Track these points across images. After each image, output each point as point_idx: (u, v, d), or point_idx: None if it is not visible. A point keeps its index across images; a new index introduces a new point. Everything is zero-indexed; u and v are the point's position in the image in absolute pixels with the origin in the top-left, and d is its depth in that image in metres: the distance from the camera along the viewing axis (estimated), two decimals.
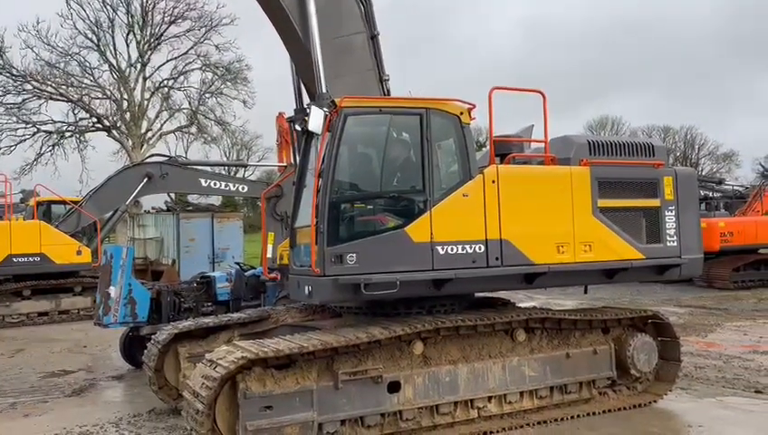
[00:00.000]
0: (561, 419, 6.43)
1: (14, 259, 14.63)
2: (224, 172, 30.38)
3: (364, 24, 7.70)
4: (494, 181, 6.23)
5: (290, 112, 8.46)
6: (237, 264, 11.53)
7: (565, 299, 15.78)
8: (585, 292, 8.96)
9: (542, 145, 6.96)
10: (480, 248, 6.15)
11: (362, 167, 6.58)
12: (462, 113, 6.33)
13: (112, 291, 9.28)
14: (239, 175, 41.54)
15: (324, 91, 7.26)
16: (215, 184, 17.80)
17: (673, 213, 7.06)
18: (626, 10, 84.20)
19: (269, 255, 16.09)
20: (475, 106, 6.44)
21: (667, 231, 7.02)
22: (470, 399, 6.15)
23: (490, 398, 6.26)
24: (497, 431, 6.14)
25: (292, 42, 7.85)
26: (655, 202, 7.04)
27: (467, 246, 6.13)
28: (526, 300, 13.61)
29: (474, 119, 6.55)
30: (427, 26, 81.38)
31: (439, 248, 6.02)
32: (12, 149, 33.97)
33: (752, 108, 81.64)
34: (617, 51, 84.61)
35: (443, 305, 6.54)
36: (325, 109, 5.99)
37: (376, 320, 6.34)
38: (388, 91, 7.77)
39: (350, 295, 5.94)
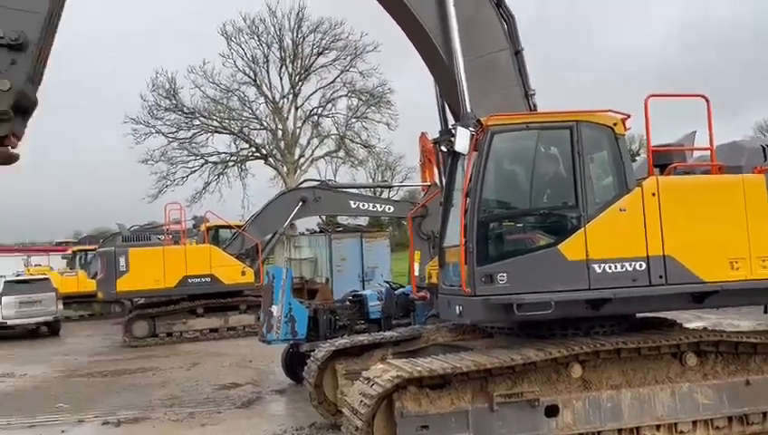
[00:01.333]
0: None
1: (189, 280, 16.11)
2: (370, 193, 31.45)
3: (507, 41, 7.63)
4: (654, 194, 5.88)
5: (432, 132, 8.57)
6: (387, 283, 11.80)
7: (740, 319, 14.30)
8: (765, 311, 8.09)
9: (708, 153, 6.45)
10: (641, 266, 5.82)
11: (511, 184, 6.48)
12: (615, 124, 6.07)
13: (274, 309, 9.90)
14: (384, 195, 42.67)
15: (469, 110, 7.28)
16: (363, 205, 18.43)
17: None
18: None
19: (416, 273, 16.32)
20: (629, 116, 6.14)
21: None
22: (636, 426, 5.77)
23: (658, 426, 5.83)
24: None
25: (435, 63, 7.98)
26: None
27: (627, 264, 5.82)
28: (694, 320, 12.54)
29: (629, 129, 6.24)
30: (572, 37, 78.55)
31: (596, 266, 5.77)
32: (184, 179, 37.61)
33: None
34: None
35: (601, 327, 6.23)
36: (471, 128, 6.02)
37: (530, 341, 6.18)
38: (535, 105, 7.62)
39: (502, 316, 5.86)
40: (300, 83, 38.74)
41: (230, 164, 38.62)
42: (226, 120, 37.94)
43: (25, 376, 12.63)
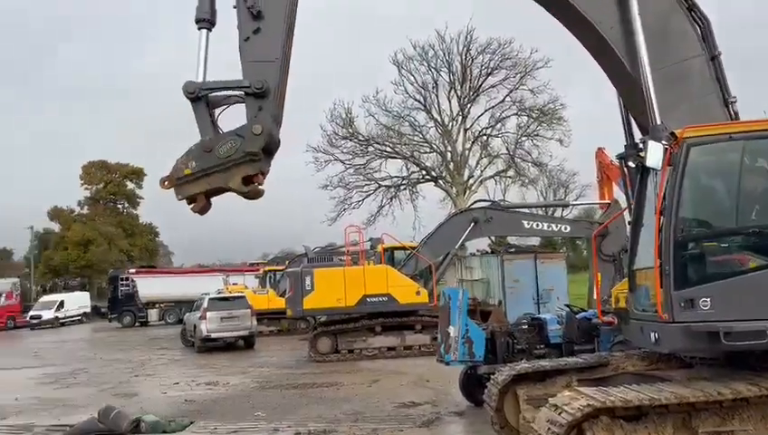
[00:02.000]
0: None
1: (368, 299, 16.78)
2: (542, 213, 30.58)
3: (701, 46, 7.05)
4: None
5: (609, 147, 8.15)
6: (567, 306, 11.35)
7: None
8: None
9: None
10: None
11: (712, 201, 6.00)
12: None
13: (451, 331, 9.96)
14: (557, 214, 41.31)
15: (659, 123, 6.82)
16: (537, 225, 18.01)
17: None
18: None
19: (595, 296, 15.49)
20: None
21: None
22: None
23: None
24: None
25: (618, 75, 7.60)
26: None
27: None
28: None
29: None
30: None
31: None
32: (360, 203, 39.54)
33: None
34: None
35: None
36: (664, 142, 5.62)
37: (738, 373, 5.57)
38: (736, 113, 6.92)
39: (705, 345, 5.33)
40: (469, 105, 39.15)
41: (402, 187, 39.89)
42: (398, 146, 39.35)
43: (227, 385, 13.95)
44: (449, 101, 39.14)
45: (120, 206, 65.66)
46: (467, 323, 9.98)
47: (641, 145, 6.09)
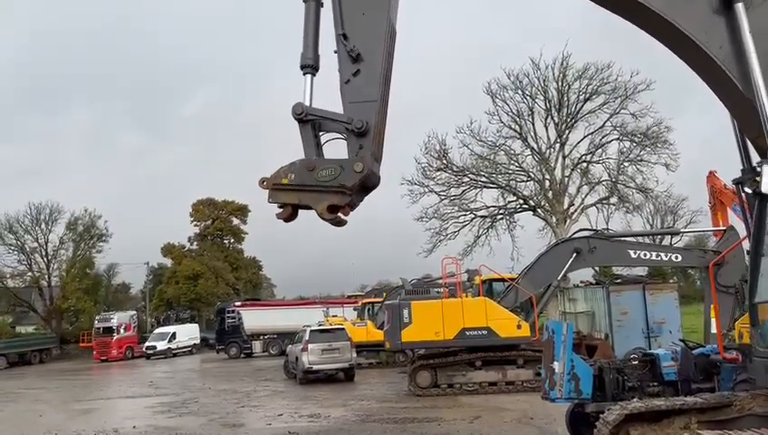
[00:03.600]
0: None
1: (467, 332, 16.51)
2: (649, 241, 29.07)
3: None
4: None
5: (723, 170, 7.66)
6: (682, 341, 10.65)
7: None
8: None
9: None
10: None
11: None
12: None
13: (556, 366, 9.58)
14: (665, 242, 39.18)
15: None
16: (644, 255, 17.13)
17: None
18: None
19: (712, 330, 14.46)
20: None
21: None
22: None
23: None
24: None
25: (730, 97, 7.15)
26: None
27: None
28: None
29: None
30: None
31: None
32: (455, 234, 39.25)
33: None
34: None
35: None
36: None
37: None
38: None
39: None
40: (567, 132, 38.15)
41: (498, 217, 39.29)
42: (494, 175, 38.89)
43: (329, 417, 14.11)
44: (546, 129, 38.36)
45: (226, 241, 68.93)
46: (573, 359, 9.58)
47: (758, 169, 5.66)
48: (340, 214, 6.67)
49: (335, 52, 6.76)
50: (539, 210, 38.31)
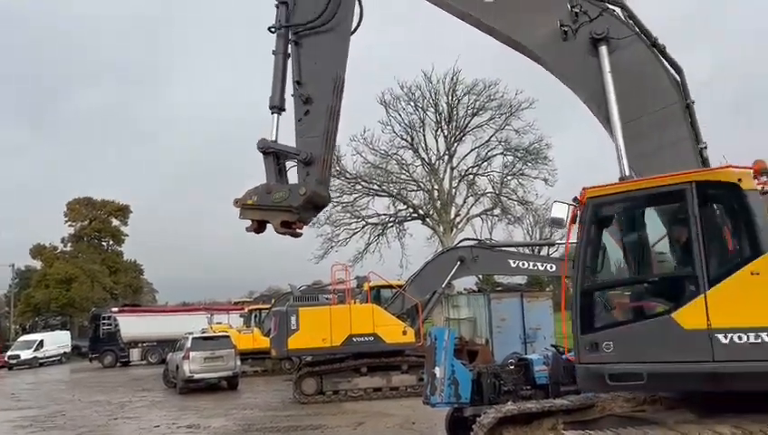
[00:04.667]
0: None
1: (354, 339, 16.59)
2: (528, 251, 30.68)
3: (679, 95, 7.20)
4: None
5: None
6: (554, 346, 11.27)
7: None
8: None
9: None
10: None
11: (611, 254, 6.34)
12: (741, 179, 5.49)
13: (437, 371, 9.83)
14: (543, 253, 41.49)
15: (627, 173, 6.98)
16: (523, 264, 17.99)
17: None
18: None
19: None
20: (758, 168, 5.54)
21: None
22: None
23: None
24: None
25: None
26: None
27: (763, 334, 5.12)
28: None
29: (765, 182, 5.63)
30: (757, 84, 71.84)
31: (720, 337, 5.23)
32: (347, 241, 39.45)
33: None
34: None
35: None
36: (571, 202, 6.21)
37: (725, 416, 5.54)
38: (706, 159, 7.03)
39: (602, 385, 5.91)
40: (455, 144, 39.57)
41: (389, 225, 39.92)
42: (385, 184, 39.53)
43: (209, 428, 13.64)
44: (436, 140, 39.60)
45: (104, 243, 65.03)
46: (453, 364, 9.88)
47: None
48: (294, 228, 8.30)
49: (292, 95, 8.22)
50: (428, 219, 39.39)
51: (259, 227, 8.34)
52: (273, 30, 8.63)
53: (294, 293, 19.62)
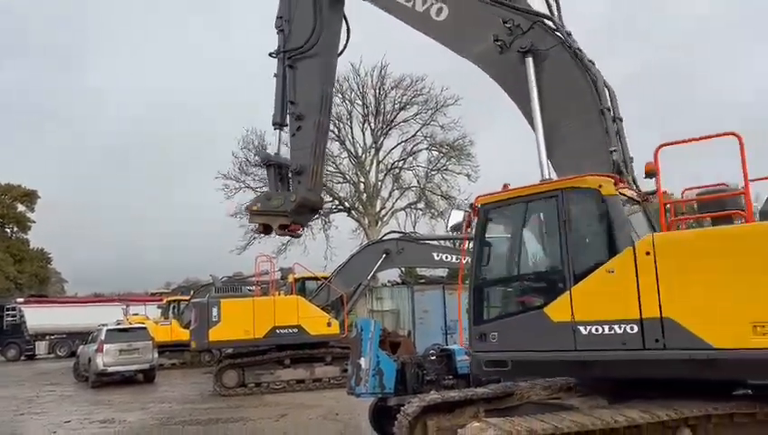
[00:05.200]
0: None
1: (277, 331, 16.44)
2: (450, 244, 31.36)
3: (595, 102, 7.55)
4: (648, 253, 5.58)
5: (514, 183, 8.75)
6: None
7: None
8: None
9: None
10: (633, 329, 5.59)
11: (502, 253, 7.01)
12: (601, 186, 6.10)
13: (362, 362, 9.94)
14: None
15: (546, 177, 7.34)
16: (446, 257, 18.39)
17: None
18: None
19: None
20: (617, 177, 6.18)
21: None
22: None
23: None
24: None
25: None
26: None
27: (616, 326, 5.67)
28: None
29: (622, 188, 6.24)
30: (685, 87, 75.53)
31: (582, 328, 5.81)
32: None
33: None
34: None
35: (715, 388, 5.85)
36: (466, 209, 6.98)
37: (633, 402, 5.90)
38: (615, 161, 7.36)
39: (483, 372, 6.84)
40: (382, 138, 39.74)
41: (314, 217, 39.71)
42: None
43: (125, 422, 13.16)
44: (363, 133, 39.66)
45: (8, 229, 61.20)
46: (379, 355, 10.01)
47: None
48: (292, 230, 10.13)
49: (288, 113, 9.57)
50: (353, 212, 39.42)
51: (264, 229, 9.85)
52: (273, 55, 9.95)
53: (216, 284, 19.23)
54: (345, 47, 10.18)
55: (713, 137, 5.82)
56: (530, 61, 7.57)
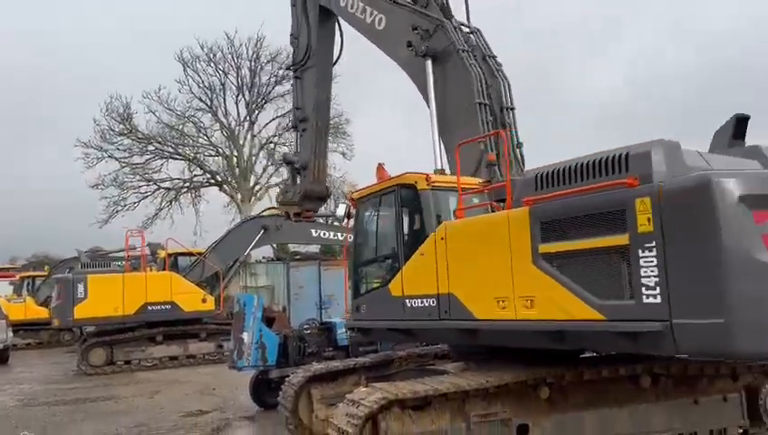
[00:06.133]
0: None
1: (149, 307, 15.97)
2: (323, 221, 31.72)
3: (477, 96, 8.18)
4: (442, 238, 6.57)
5: (389, 162, 9.59)
6: None
7: None
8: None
9: None
10: (433, 302, 6.63)
11: (366, 239, 8.15)
12: (417, 181, 7.15)
13: (245, 336, 10.09)
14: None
15: (439, 166, 8.00)
16: (324, 234, 18.65)
17: (653, 252, 4.62)
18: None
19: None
20: (427, 175, 7.23)
21: (643, 281, 4.67)
22: None
23: None
24: None
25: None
26: (621, 239, 4.82)
27: (424, 300, 6.74)
28: None
29: (435, 182, 7.20)
30: (540, 78, 79.68)
31: (407, 301, 6.92)
32: (135, 205, 37.07)
33: None
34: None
35: (571, 353, 6.68)
36: (347, 202, 8.20)
37: (498, 366, 6.61)
38: (481, 151, 8.08)
39: (359, 337, 8.41)
40: (256, 111, 39.02)
41: (183, 190, 38.31)
42: (181, 147, 37.75)
43: None
44: (237, 106, 38.70)
45: None
46: (261, 329, 10.21)
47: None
48: (306, 216, 14.15)
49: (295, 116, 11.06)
50: (225, 186, 38.51)
51: (287, 216, 13.55)
52: (289, 68, 12.55)
53: (82, 259, 18.22)
54: (339, 56, 11.99)
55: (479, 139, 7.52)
56: (429, 63, 8.15)
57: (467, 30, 8.44)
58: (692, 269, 4.42)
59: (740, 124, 6.08)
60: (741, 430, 6.80)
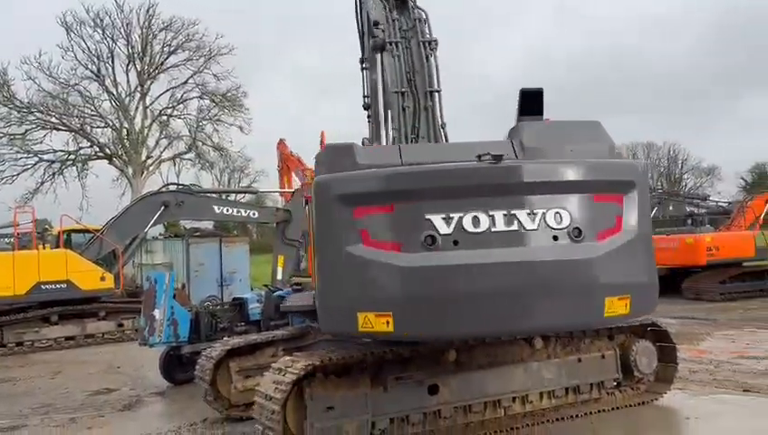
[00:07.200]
0: (576, 416, 7.34)
1: (42, 287, 15.30)
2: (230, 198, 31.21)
3: (399, 83, 8.54)
4: None
5: (291, 139, 10.21)
6: (266, 286, 12.35)
7: None
8: None
9: None
10: None
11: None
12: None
13: (157, 313, 10.11)
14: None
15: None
16: (227, 211, 18.45)
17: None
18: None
19: (279, 277, 16.91)
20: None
21: None
22: (497, 399, 7.03)
23: (514, 398, 7.16)
24: (521, 428, 7.04)
25: None
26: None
27: None
28: None
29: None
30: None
31: None
32: (14, 178, 34.68)
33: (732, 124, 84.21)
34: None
35: None
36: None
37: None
38: (446, 135, 8.38)
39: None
40: (149, 82, 37.49)
41: (68, 163, 36.27)
42: (65, 117, 35.62)
43: None
44: (127, 75, 37.02)
45: None
46: (173, 305, 10.26)
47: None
48: None
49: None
50: (115, 159, 36.87)
51: None
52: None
53: None
54: None
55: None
56: (378, 57, 8.39)
57: (415, 17, 8.61)
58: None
59: (527, 98, 6.62)
60: (615, 383, 7.86)
